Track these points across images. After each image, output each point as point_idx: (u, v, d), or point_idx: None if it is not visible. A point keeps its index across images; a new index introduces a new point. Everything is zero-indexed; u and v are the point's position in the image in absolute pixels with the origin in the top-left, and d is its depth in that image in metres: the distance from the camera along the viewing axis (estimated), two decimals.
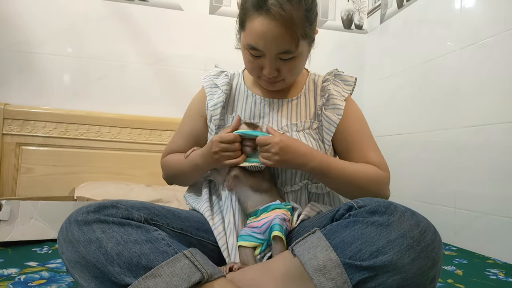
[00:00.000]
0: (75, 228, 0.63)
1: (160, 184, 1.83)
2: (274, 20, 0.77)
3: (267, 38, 0.79)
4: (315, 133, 0.91)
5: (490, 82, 1.43)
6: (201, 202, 0.92)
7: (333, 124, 0.91)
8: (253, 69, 0.88)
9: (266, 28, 0.78)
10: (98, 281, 0.60)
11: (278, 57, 0.82)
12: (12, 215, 1.18)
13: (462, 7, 1.60)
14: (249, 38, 0.82)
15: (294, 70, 0.87)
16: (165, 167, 1.01)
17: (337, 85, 0.96)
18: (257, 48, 0.81)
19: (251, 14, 0.80)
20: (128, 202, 0.70)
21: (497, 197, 1.36)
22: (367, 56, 2.33)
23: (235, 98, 0.97)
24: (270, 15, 0.77)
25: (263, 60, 0.84)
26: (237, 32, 0.89)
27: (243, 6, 0.82)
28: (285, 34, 0.78)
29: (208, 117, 0.97)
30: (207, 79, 1.01)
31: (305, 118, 0.93)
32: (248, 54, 0.85)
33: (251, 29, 0.80)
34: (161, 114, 1.98)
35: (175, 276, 0.58)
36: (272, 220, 0.76)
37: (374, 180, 0.86)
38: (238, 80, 1.00)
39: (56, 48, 1.90)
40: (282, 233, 0.74)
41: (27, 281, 0.85)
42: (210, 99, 0.96)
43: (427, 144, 1.74)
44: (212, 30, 2.10)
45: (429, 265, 0.59)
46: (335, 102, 0.92)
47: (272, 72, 0.84)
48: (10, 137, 1.77)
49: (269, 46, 0.80)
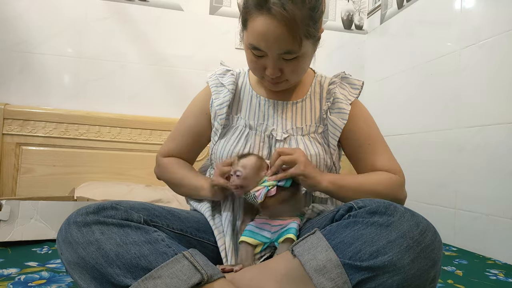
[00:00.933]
0: (74, 230, 0.63)
1: (160, 184, 1.83)
2: (275, 19, 0.75)
3: (269, 38, 0.77)
4: (321, 138, 0.90)
5: (490, 83, 1.43)
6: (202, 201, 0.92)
7: (338, 129, 0.89)
8: (256, 69, 0.87)
9: (268, 28, 0.76)
10: (97, 283, 0.60)
11: (280, 57, 0.81)
12: (12, 215, 1.18)
13: (462, 7, 1.59)
14: (251, 38, 0.80)
15: (297, 70, 0.85)
16: (162, 169, 0.99)
17: (344, 89, 0.94)
18: (259, 48, 0.80)
19: (252, 13, 0.78)
20: (128, 203, 0.69)
21: (497, 198, 1.36)
22: (367, 56, 2.33)
23: (240, 98, 0.96)
24: (271, 15, 0.75)
25: (266, 60, 0.83)
26: (240, 32, 0.88)
27: (245, 5, 0.80)
28: (287, 34, 0.76)
29: (213, 115, 0.96)
30: (212, 77, 0.99)
31: (310, 122, 0.92)
32: (251, 54, 0.84)
33: (252, 29, 0.79)
34: (161, 114, 1.98)
35: (174, 277, 0.58)
36: (289, 223, 0.75)
37: (387, 189, 0.84)
38: (243, 79, 1.00)
39: (56, 48, 1.91)
40: (296, 237, 0.73)
41: (27, 281, 0.85)
42: (216, 97, 0.95)
43: (426, 145, 1.74)
44: (212, 30, 2.10)
45: (429, 265, 0.59)
46: (340, 106, 0.91)
47: (275, 72, 0.83)
48: (10, 137, 1.77)
49: (270, 46, 0.79)
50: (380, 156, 0.90)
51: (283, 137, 0.88)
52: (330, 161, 0.89)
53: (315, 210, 0.84)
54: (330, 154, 0.90)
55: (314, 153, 0.86)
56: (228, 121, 0.94)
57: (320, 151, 0.87)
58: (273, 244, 0.76)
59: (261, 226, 0.77)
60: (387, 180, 0.86)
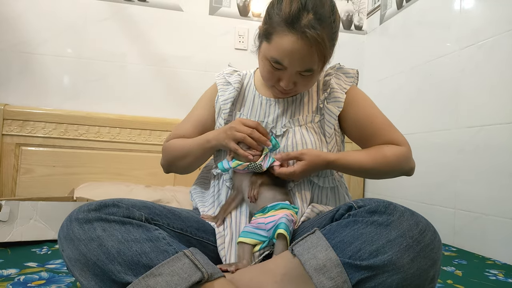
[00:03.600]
0: (76, 226, 0.63)
1: (160, 184, 1.83)
2: (304, 40, 0.77)
3: (295, 56, 0.80)
4: (317, 127, 0.92)
5: (489, 83, 1.43)
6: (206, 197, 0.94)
7: (334, 116, 0.92)
8: (270, 79, 0.88)
9: (296, 48, 0.78)
10: (98, 279, 0.60)
11: (298, 73, 0.84)
12: (11, 215, 1.18)
13: (462, 8, 1.60)
14: (274, 52, 0.82)
15: (309, 84, 0.89)
16: (168, 149, 1.00)
17: (339, 78, 0.97)
18: (281, 63, 0.82)
19: (280, 29, 0.79)
20: (129, 201, 0.70)
21: (497, 198, 1.36)
22: (366, 56, 2.34)
23: (244, 97, 0.99)
24: (302, 35, 0.77)
25: (283, 73, 0.85)
26: (257, 38, 0.89)
27: (272, 19, 0.81)
28: (314, 55, 0.79)
29: (217, 111, 0.99)
30: (220, 76, 1.03)
31: (308, 113, 0.94)
32: (269, 65, 0.85)
33: (279, 44, 0.80)
34: (160, 114, 1.99)
35: (175, 275, 0.58)
36: (279, 218, 0.76)
37: (394, 160, 0.90)
38: (249, 80, 1.03)
39: (56, 48, 1.91)
40: (287, 232, 0.74)
41: (26, 281, 0.85)
42: (221, 94, 0.99)
43: (426, 145, 1.74)
44: (212, 31, 2.11)
45: (428, 264, 0.60)
46: (336, 95, 0.94)
47: (289, 85, 0.86)
48: (9, 137, 1.77)
49: (294, 64, 0.81)
50: (384, 132, 0.93)
51: (282, 131, 0.91)
52: (326, 150, 0.91)
53: (315, 210, 0.85)
54: (326, 144, 0.92)
55: (310, 142, 0.88)
56: (231, 117, 0.97)
57: (316, 140, 0.90)
58: (272, 242, 0.77)
59: (257, 226, 0.79)
60: (395, 151, 0.90)
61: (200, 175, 1.06)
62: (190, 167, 1.00)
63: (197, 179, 1.05)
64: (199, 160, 0.96)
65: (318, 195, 0.90)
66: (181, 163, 0.98)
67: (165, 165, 1.03)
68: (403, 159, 0.91)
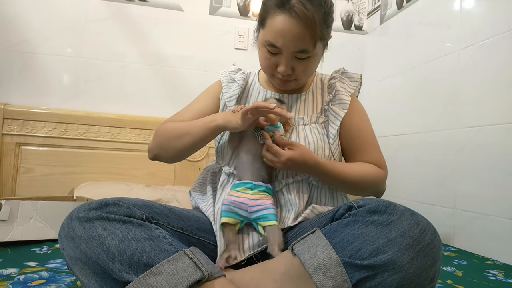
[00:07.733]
0: (77, 225, 0.63)
1: (160, 184, 1.83)
2: (295, 18, 0.79)
3: (287, 36, 0.81)
4: (321, 127, 0.93)
5: (489, 83, 1.43)
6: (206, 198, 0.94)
7: (339, 118, 0.93)
8: (268, 67, 0.90)
9: (287, 26, 0.80)
10: (98, 278, 0.60)
11: (294, 55, 0.85)
12: (11, 215, 1.18)
13: (462, 8, 1.60)
14: (268, 35, 0.84)
15: (307, 70, 0.89)
16: (161, 130, 0.94)
17: (344, 82, 0.99)
18: (275, 45, 0.84)
19: (272, 11, 0.82)
20: (130, 200, 0.70)
21: (497, 198, 1.36)
22: (366, 56, 2.34)
23: (248, 94, 1.00)
24: (292, 14, 0.79)
25: (279, 57, 0.86)
26: (255, 30, 0.92)
27: (265, 4, 0.85)
28: (305, 33, 0.81)
29: (221, 107, 0.99)
30: (225, 73, 1.04)
31: (312, 113, 0.95)
32: (265, 51, 0.87)
33: (271, 26, 0.83)
34: (160, 114, 1.98)
35: (175, 274, 0.59)
36: (267, 209, 0.80)
37: (373, 180, 0.92)
38: (253, 78, 1.04)
39: (56, 48, 1.91)
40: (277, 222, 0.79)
41: (26, 281, 0.85)
42: (226, 91, 0.99)
43: (426, 145, 1.75)
44: (212, 30, 2.11)
45: (428, 264, 0.60)
46: (341, 97, 0.95)
47: (287, 70, 0.87)
48: (9, 137, 1.77)
49: (287, 44, 0.82)
50: (370, 151, 0.95)
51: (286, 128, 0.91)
52: (328, 151, 0.91)
53: (315, 212, 0.85)
54: (328, 145, 0.92)
55: (312, 141, 0.89)
56: None
57: (319, 140, 0.90)
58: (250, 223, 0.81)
59: (238, 205, 0.81)
60: (376, 172, 0.92)
61: (200, 175, 1.06)
62: (183, 151, 0.91)
63: (197, 180, 1.05)
64: (196, 142, 0.89)
65: (316, 195, 0.90)
66: (175, 143, 0.90)
67: (154, 147, 0.95)
68: (379, 182, 0.93)
